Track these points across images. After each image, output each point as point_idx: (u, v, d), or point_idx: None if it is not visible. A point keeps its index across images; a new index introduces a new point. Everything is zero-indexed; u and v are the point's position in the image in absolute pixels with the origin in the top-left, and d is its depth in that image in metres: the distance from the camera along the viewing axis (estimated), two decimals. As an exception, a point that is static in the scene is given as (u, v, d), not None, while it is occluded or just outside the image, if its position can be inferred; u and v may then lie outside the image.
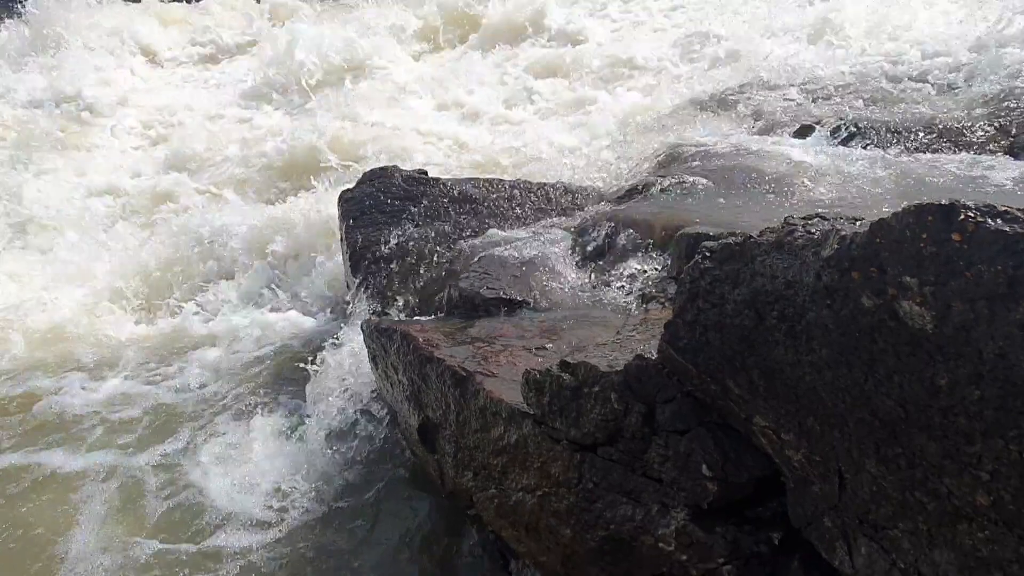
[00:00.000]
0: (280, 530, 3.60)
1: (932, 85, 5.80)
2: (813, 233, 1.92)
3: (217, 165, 8.00)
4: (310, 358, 4.33)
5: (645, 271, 3.65)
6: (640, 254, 3.80)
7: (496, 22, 11.04)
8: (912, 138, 4.84)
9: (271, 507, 3.70)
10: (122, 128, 9.44)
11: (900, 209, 1.67)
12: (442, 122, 8.20)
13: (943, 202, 1.62)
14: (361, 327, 3.92)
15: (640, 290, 3.53)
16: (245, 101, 10.27)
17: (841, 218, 1.93)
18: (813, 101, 5.88)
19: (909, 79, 5.98)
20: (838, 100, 5.78)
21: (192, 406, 4.50)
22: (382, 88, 9.42)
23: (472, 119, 8.34)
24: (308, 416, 4.06)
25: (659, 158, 5.11)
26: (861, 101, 5.67)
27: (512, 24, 10.82)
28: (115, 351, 5.17)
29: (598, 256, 3.92)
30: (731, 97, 6.38)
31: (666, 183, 4.36)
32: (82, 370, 5.02)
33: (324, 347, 4.31)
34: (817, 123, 5.25)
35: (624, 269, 3.72)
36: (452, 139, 7.71)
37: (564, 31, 10.51)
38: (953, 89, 5.64)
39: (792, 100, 6.00)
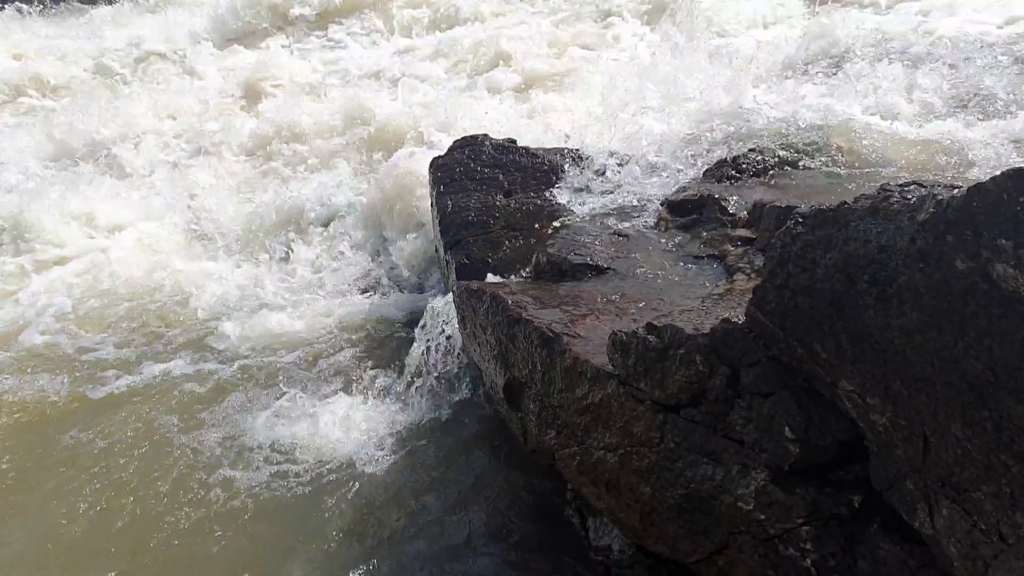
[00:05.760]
0: (370, 479, 3.76)
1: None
2: (909, 198, 1.94)
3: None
4: (402, 320, 4.47)
5: (731, 243, 3.67)
6: (727, 227, 3.82)
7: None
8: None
9: (362, 457, 3.87)
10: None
11: (998, 173, 1.68)
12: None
13: (1042, 165, 1.63)
14: (451, 289, 4.04)
15: (726, 261, 3.55)
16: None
17: (938, 184, 1.94)
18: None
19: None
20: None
21: (294, 363, 4.69)
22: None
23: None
24: (399, 374, 4.21)
25: (748, 132, 5.08)
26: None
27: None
28: (219, 305, 5.42)
29: (685, 227, 3.95)
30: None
31: (756, 157, 4.35)
32: (189, 321, 5.28)
33: (415, 309, 4.45)
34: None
35: (710, 240, 3.75)
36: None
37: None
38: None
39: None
